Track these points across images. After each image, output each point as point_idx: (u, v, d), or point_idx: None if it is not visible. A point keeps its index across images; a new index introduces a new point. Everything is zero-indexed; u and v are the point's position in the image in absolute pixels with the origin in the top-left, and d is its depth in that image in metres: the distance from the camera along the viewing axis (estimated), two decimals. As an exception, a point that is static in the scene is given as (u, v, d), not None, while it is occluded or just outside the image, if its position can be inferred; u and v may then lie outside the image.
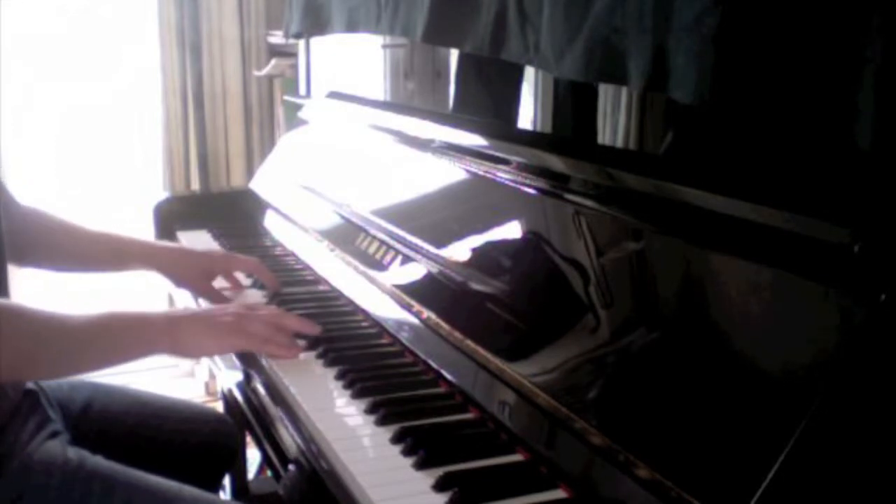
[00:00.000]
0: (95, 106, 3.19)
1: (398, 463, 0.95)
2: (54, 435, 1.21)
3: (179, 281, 1.54)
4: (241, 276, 1.60)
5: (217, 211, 2.11)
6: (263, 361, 1.24)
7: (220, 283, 1.57)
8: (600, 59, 1.05)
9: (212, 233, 1.98)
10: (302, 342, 1.26)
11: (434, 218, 1.41)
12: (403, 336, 1.25)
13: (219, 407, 2.14)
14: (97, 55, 3.15)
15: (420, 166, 1.54)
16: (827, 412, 0.69)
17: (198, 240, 1.93)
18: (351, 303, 1.44)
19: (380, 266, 1.42)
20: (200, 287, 1.52)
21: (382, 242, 1.46)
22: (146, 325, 1.18)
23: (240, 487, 1.86)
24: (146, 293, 2.92)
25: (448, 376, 1.12)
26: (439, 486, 0.89)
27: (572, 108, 1.42)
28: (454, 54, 1.81)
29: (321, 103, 2.24)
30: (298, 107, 2.43)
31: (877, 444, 0.70)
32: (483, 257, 1.20)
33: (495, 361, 1.03)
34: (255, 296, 1.54)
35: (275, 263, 1.72)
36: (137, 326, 1.18)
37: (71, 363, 1.15)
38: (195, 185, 3.09)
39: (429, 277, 1.29)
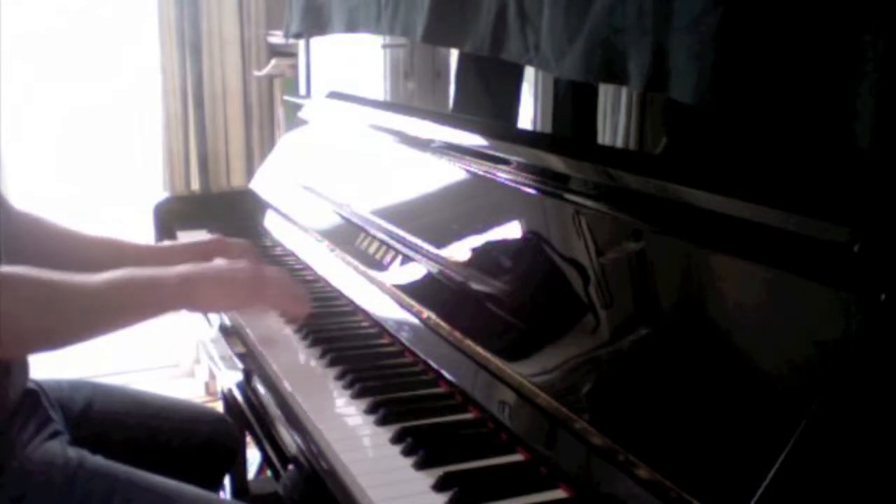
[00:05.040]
0: (95, 106, 3.19)
1: (398, 463, 0.95)
2: (55, 435, 1.21)
3: None
4: None
5: (217, 211, 2.11)
6: (264, 361, 1.24)
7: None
8: (600, 59, 1.05)
9: (212, 233, 1.97)
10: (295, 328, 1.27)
11: (434, 218, 1.41)
12: (403, 336, 1.25)
13: (219, 407, 2.14)
14: (97, 55, 3.15)
15: (420, 166, 1.54)
16: (827, 412, 0.69)
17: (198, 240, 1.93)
18: (351, 303, 1.44)
19: (380, 266, 1.42)
20: None
21: (382, 242, 1.46)
22: (160, 283, 1.17)
23: (240, 487, 1.86)
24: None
25: (448, 376, 1.12)
26: (439, 486, 0.89)
27: (572, 108, 1.43)
28: (454, 54, 1.81)
29: (321, 103, 2.24)
30: (298, 107, 2.43)
31: (877, 444, 0.70)
32: (483, 257, 1.20)
33: (495, 361, 1.03)
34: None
35: (275, 263, 1.71)
36: (151, 285, 1.17)
37: (87, 326, 1.13)
38: (195, 185, 3.09)
39: (429, 277, 1.29)
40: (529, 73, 1.49)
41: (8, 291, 1.03)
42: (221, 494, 1.64)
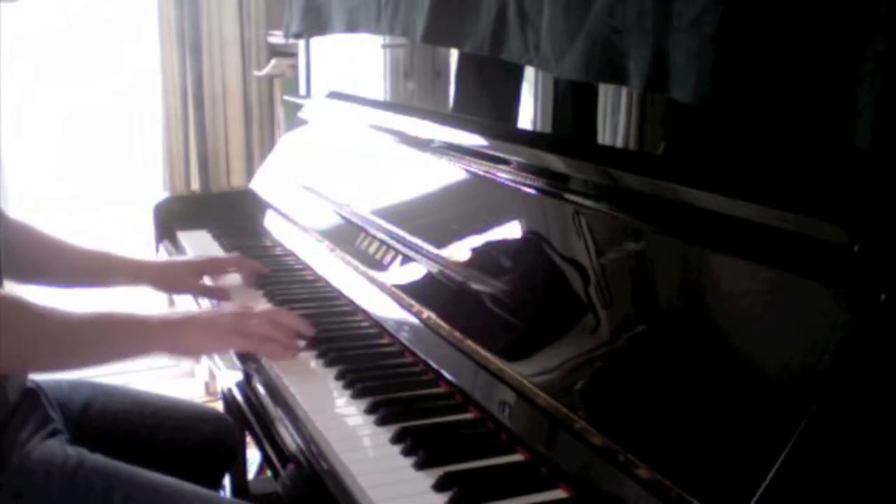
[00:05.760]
0: (95, 106, 3.19)
1: (398, 463, 0.95)
2: (54, 434, 1.21)
3: (170, 289, 1.56)
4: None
5: (217, 211, 2.11)
6: (264, 361, 1.24)
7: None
8: (600, 59, 1.05)
9: (212, 233, 1.98)
10: (301, 342, 1.26)
11: (434, 218, 1.41)
12: (403, 336, 1.25)
13: (219, 407, 2.14)
14: (97, 55, 3.15)
15: (420, 166, 1.54)
16: (827, 412, 0.69)
17: (198, 240, 1.93)
18: (351, 303, 1.44)
19: (380, 266, 1.42)
20: (193, 288, 1.53)
21: (382, 242, 1.46)
22: (145, 324, 1.19)
23: (240, 487, 1.86)
24: (146, 298, 2.92)
25: (448, 376, 1.12)
26: (439, 486, 0.89)
27: (572, 108, 1.43)
28: (454, 54, 1.81)
29: (321, 103, 2.24)
30: (298, 107, 2.43)
31: (877, 444, 0.70)
32: (483, 257, 1.20)
33: (495, 361, 1.03)
34: (255, 295, 1.54)
35: (275, 263, 1.72)
36: (136, 325, 1.18)
37: (69, 358, 1.15)
38: (195, 185, 3.09)
39: (429, 277, 1.29)
40: (529, 73, 1.49)
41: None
42: (221, 494, 1.64)
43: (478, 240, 1.24)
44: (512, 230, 1.21)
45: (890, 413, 0.70)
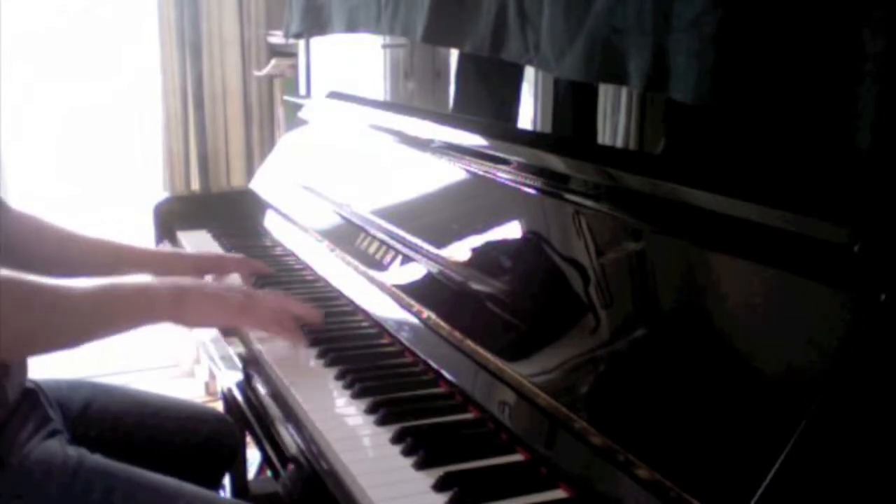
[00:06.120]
0: (95, 106, 3.19)
1: (398, 463, 0.95)
2: (53, 434, 1.21)
3: None
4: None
5: (217, 211, 2.11)
6: (264, 361, 1.24)
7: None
8: (600, 59, 1.05)
9: (212, 233, 1.98)
10: (304, 343, 1.26)
11: (434, 218, 1.41)
12: (403, 336, 1.25)
13: (219, 407, 2.14)
14: (97, 55, 3.16)
15: (420, 166, 1.54)
16: (827, 412, 0.69)
17: (198, 240, 1.93)
18: (351, 303, 1.44)
19: (380, 266, 1.42)
20: None
21: (382, 242, 1.46)
22: (152, 293, 1.17)
23: (240, 487, 1.86)
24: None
25: (448, 376, 1.12)
26: (439, 486, 0.89)
27: (572, 108, 1.42)
28: (454, 54, 1.81)
29: (321, 103, 2.24)
30: (298, 107, 2.43)
31: (877, 444, 0.70)
32: (483, 257, 1.20)
33: (495, 361, 1.03)
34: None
35: (275, 263, 1.72)
36: (143, 294, 1.17)
37: (79, 333, 1.13)
38: (195, 185, 3.09)
39: (429, 277, 1.29)
40: (529, 73, 1.49)
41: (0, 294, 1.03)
42: (221, 494, 1.64)
43: (478, 240, 1.24)
44: (512, 230, 1.21)
45: (890, 413, 0.70)
